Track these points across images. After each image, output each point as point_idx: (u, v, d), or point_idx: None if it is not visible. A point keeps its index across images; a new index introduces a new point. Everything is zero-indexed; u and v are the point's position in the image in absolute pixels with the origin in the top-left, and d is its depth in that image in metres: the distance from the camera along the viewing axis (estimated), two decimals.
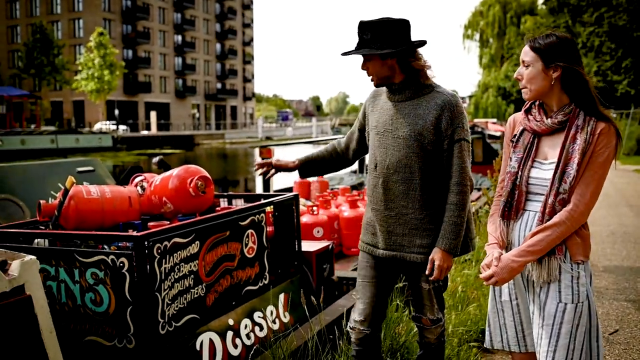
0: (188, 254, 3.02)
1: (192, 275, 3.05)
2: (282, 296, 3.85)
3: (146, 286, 2.74)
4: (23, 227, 3.41)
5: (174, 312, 2.92)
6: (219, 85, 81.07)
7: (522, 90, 2.39)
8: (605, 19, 37.89)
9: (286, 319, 3.82)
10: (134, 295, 2.75)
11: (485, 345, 2.65)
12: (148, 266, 2.75)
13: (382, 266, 3.00)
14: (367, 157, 3.20)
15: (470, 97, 52.33)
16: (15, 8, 66.07)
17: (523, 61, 2.37)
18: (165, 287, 2.85)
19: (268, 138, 65.66)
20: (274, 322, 3.70)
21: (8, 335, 2.01)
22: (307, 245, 4.42)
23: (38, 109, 45.97)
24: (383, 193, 2.89)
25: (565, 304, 2.28)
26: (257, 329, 3.53)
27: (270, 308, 3.70)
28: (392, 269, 3.02)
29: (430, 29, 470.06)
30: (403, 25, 2.81)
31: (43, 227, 3.42)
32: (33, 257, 2.18)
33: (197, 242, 3.08)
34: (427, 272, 2.80)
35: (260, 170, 3.40)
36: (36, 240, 3.16)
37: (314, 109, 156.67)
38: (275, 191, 9.19)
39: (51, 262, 2.91)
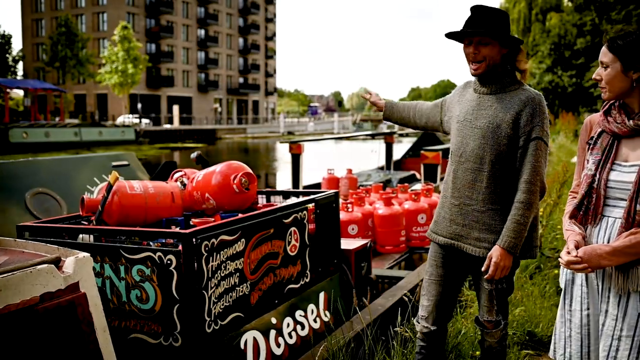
0: (234, 252, 2.97)
1: (238, 273, 3.00)
2: (322, 295, 3.79)
3: (193, 284, 2.70)
4: (65, 222, 3.39)
5: (220, 310, 2.87)
6: (241, 80, 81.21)
7: (602, 91, 2.30)
8: (634, 16, 37.29)
9: (327, 317, 3.77)
10: (181, 293, 2.70)
11: (549, 355, 2.56)
12: (195, 264, 2.71)
13: (449, 262, 2.97)
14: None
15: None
16: (41, 2, 66.78)
17: (602, 62, 2.29)
18: (212, 285, 2.81)
19: (290, 133, 65.73)
20: (314, 321, 3.65)
21: (64, 333, 1.97)
22: (346, 243, 4.36)
23: (62, 102, 46.34)
24: (452, 181, 2.91)
25: None
26: (298, 327, 3.48)
27: (311, 307, 3.65)
28: (458, 266, 2.98)
29: (456, 24, 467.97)
30: (507, 17, 2.84)
31: (85, 223, 3.39)
32: (87, 254, 2.14)
33: (243, 239, 3.03)
34: (483, 269, 2.76)
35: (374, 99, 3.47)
36: (81, 236, 3.13)
37: (335, 105, 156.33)
38: (304, 187, 9.16)
39: (96, 258, 2.88)
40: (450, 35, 2.87)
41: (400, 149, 15.16)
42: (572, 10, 47.13)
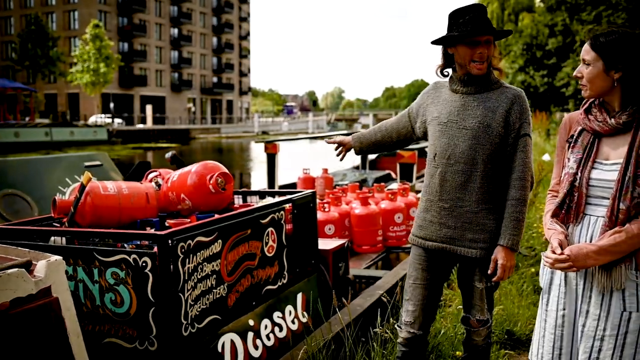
0: (211, 253, 2.92)
1: (215, 275, 2.95)
2: (300, 296, 3.75)
3: (170, 286, 2.64)
4: (36, 224, 3.30)
5: (197, 313, 2.82)
6: (215, 79, 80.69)
7: (582, 88, 2.29)
8: (604, 17, 37.90)
9: (305, 319, 3.73)
10: (157, 296, 2.64)
11: (529, 357, 2.55)
12: (172, 266, 2.65)
13: (434, 265, 2.94)
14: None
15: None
16: None
17: (584, 59, 2.27)
18: (189, 288, 2.75)
19: (264, 133, 65.56)
20: (292, 322, 3.61)
21: (35, 339, 1.91)
22: (323, 244, 4.33)
23: (32, 101, 45.56)
24: (439, 184, 2.86)
25: (630, 312, 2.17)
26: (276, 329, 3.44)
27: (289, 308, 3.61)
28: (443, 268, 2.96)
29: (429, 24, 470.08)
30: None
31: (57, 225, 3.31)
32: (59, 257, 2.07)
33: (220, 240, 2.98)
34: (490, 272, 2.75)
35: (341, 154, 3.47)
36: (52, 238, 3.05)
37: (309, 104, 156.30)
38: (280, 187, 9.11)
39: (69, 261, 2.80)
40: (454, 37, 2.78)
41: None
42: (543, 10, 47.72)
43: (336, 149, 3.47)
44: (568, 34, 43.40)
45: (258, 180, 19.86)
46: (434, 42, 2.88)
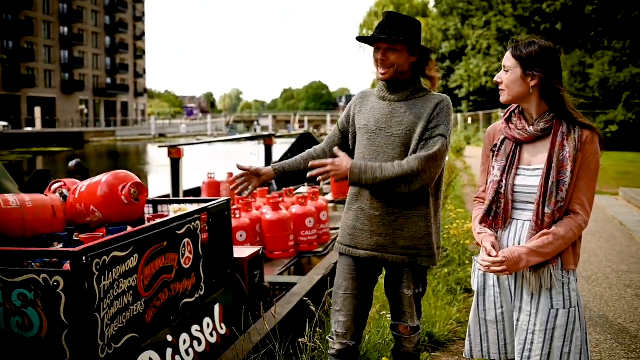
0: (127, 269, 2.76)
1: (131, 291, 2.80)
2: (217, 307, 3.65)
3: (85, 306, 2.48)
4: None
5: (114, 332, 2.66)
6: (108, 81, 77.77)
7: (501, 93, 2.40)
8: (493, 23, 39.79)
9: (223, 330, 3.63)
10: (71, 317, 2.47)
11: (464, 356, 2.61)
12: (86, 284, 2.48)
13: (364, 274, 2.91)
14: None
15: None
16: None
17: (504, 66, 2.40)
18: (105, 306, 2.59)
19: (162, 135, 64.06)
20: (211, 334, 3.50)
21: None
22: (238, 252, 4.24)
23: None
24: (370, 192, 2.82)
25: (557, 309, 2.31)
26: (195, 343, 3.32)
27: (207, 320, 3.50)
28: (372, 276, 2.94)
29: (327, 28, 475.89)
30: (419, 26, 2.83)
31: None
32: None
33: (136, 254, 2.83)
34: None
35: (240, 188, 3.06)
36: None
37: (207, 106, 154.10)
38: (184, 192, 8.87)
39: None
40: (360, 39, 2.84)
41: (278, 150, 15.14)
42: (437, 15, 49.52)
43: (237, 183, 3.08)
44: (460, 39, 45.24)
45: (157, 185, 19.27)
46: (358, 40, 2.91)
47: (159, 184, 15.97)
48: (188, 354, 3.22)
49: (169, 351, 3.06)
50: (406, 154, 2.76)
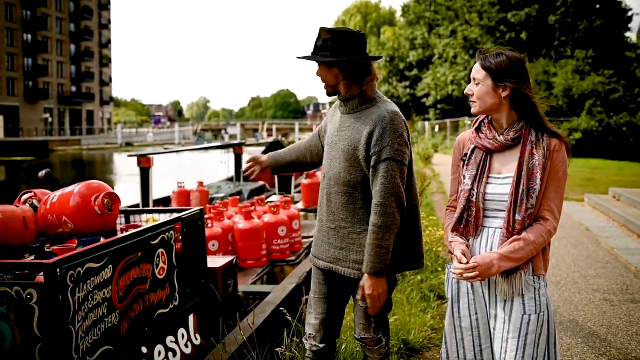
0: (101, 280, 2.73)
1: (106, 303, 2.76)
2: (191, 317, 3.62)
3: (59, 319, 2.44)
4: None
5: (88, 344, 2.62)
6: (73, 89, 76.56)
7: (472, 104, 2.42)
8: (459, 32, 40.31)
9: (197, 341, 3.60)
10: (44, 330, 2.43)
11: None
12: (60, 296, 2.44)
13: (330, 281, 2.94)
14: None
15: (331, 103, 53.74)
16: None
17: (474, 78, 2.41)
18: (79, 319, 2.55)
19: (128, 144, 63.37)
20: (186, 345, 3.47)
21: None
22: (211, 261, 4.21)
23: None
24: (326, 204, 2.87)
25: (529, 315, 2.33)
26: (170, 354, 3.29)
27: (181, 331, 3.46)
28: (339, 285, 2.96)
29: (295, 36, 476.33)
30: (354, 38, 2.72)
31: None
32: None
33: (110, 265, 2.80)
34: (359, 298, 2.76)
35: (250, 170, 3.35)
36: None
37: (174, 114, 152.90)
38: (154, 201, 8.79)
39: None
40: (300, 57, 2.79)
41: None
42: (404, 25, 50.01)
43: (248, 166, 3.35)
44: (427, 47, 45.74)
45: (125, 194, 19.05)
46: (297, 58, 2.86)
47: (127, 193, 15.79)
48: None
49: None
50: (350, 169, 2.74)
